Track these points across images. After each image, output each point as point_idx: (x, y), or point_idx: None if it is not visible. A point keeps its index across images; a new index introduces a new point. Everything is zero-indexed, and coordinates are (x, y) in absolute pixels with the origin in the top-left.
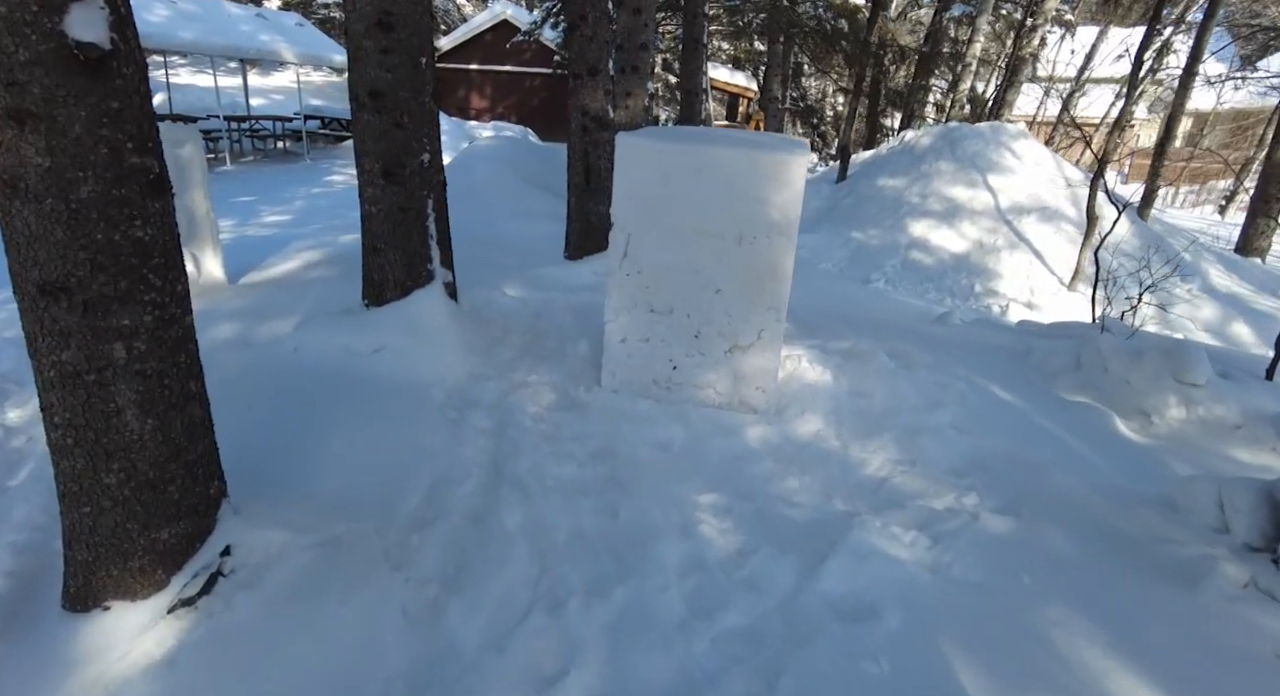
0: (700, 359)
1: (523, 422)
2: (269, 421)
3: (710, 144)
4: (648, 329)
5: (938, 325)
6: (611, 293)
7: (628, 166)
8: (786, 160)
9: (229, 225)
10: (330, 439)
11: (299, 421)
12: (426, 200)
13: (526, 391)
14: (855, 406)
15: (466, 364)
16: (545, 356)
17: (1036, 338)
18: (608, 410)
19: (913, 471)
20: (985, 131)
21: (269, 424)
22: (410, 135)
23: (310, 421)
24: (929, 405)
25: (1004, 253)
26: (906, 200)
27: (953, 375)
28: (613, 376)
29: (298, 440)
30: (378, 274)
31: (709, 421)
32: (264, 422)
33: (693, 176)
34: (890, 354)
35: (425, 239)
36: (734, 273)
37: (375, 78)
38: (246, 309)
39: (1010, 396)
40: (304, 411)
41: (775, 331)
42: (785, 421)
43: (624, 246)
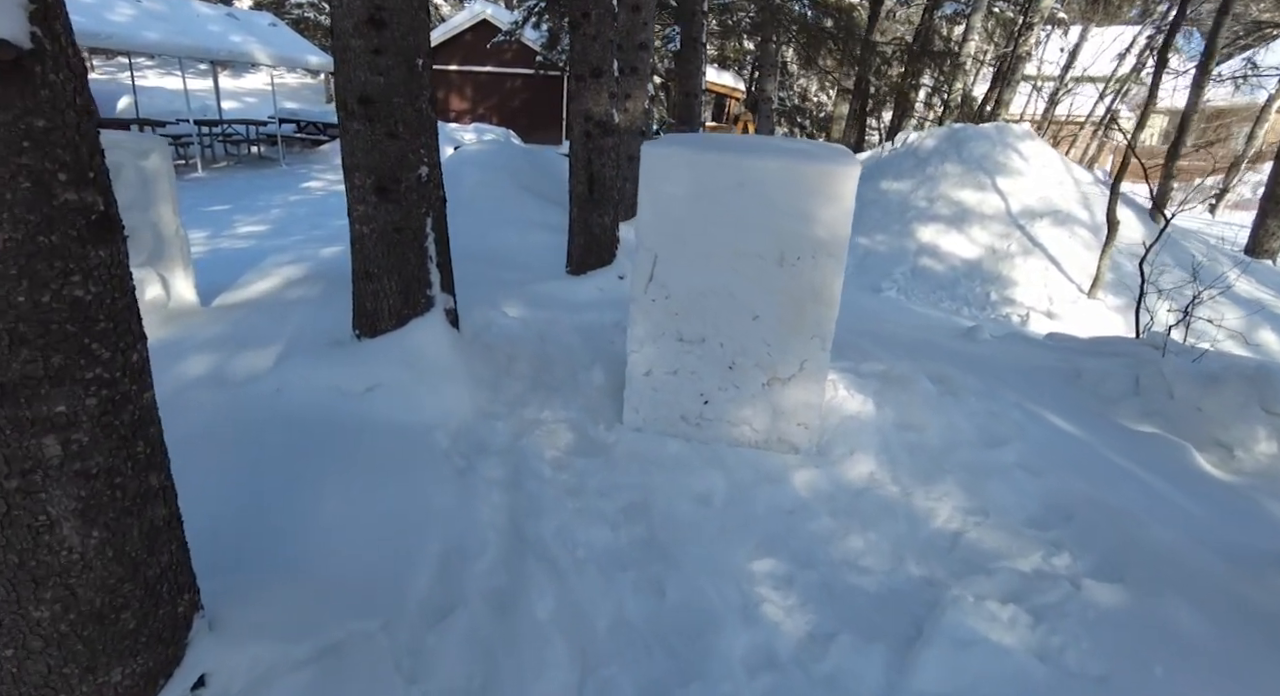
0: (735, 392)
1: (541, 471)
2: (248, 486)
3: (749, 154)
4: (676, 360)
5: (968, 341)
6: (635, 320)
7: (655, 180)
8: (835, 172)
9: (201, 237)
10: (322, 504)
11: (284, 483)
12: (425, 219)
13: (541, 431)
14: (906, 442)
15: (473, 401)
16: (557, 387)
17: (1081, 356)
18: (634, 454)
19: (987, 523)
20: (991, 132)
21: (248, 489)
22: (406, 146)
23: (297, 482)
24: (987, 440)
25: (1018, 259)
26: (913, 204)
27: (1004, 402)
28: (636, 412)
29: (283, 509)
30: (371, 302)
31: (749, 466)
32: (242, 488)
33: (730, 191)
34: (931, 377)
35: (424, 262)
36: (774, 297)
37: (366, 82)
38: (222, 337)
39: (1071, 427)
40: (290, 469)
41: (819, 362)
42: (833, 463)
43: (650, 269)
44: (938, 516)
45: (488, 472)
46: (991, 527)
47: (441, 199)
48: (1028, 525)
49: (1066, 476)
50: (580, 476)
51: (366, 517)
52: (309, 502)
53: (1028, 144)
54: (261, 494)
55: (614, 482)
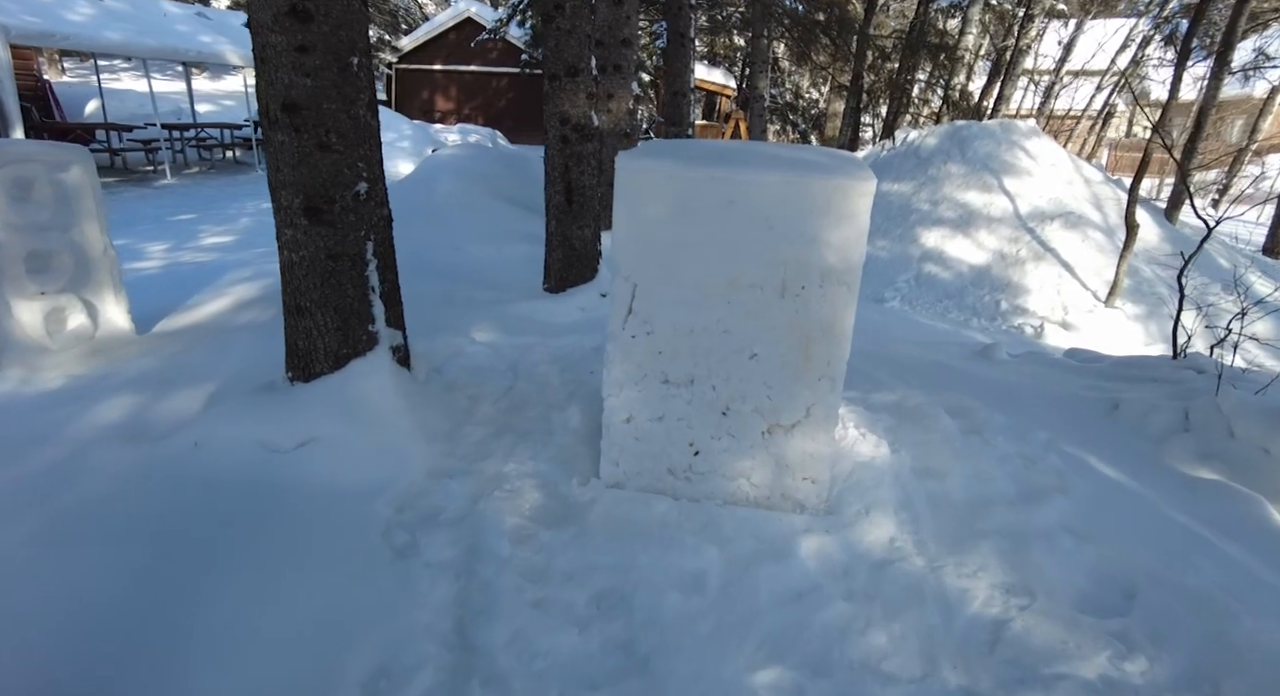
0: (730, 442)
1: (498, 548)
2: (145, 582)
3: (742, 166)
4: (661, 405)
5: (984, 362)
6: (613, 360)
7: (632, 198)
8: (846, 187)
9: (161, 250)
10: (228, 601)
11: (187, 571)
12: (365, 243)
13: (503, 492)
14: (929, 495)
15: (424, 457)
16: (527, 432)
17: (1115, 382)
18: (612, 519)
19: (1034, 609)
20: (995, 130)
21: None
22: (340, 160)
23: (204, 570)
24: (1024, 493)
25: (1029, 264)
26: (915, 207)
27: (1037, 443)
28: (615, 466)
29: (182, 607)
30: (304, 341)
31: (749, 532)
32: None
33: (722, 210)
34: (950, 410)
35: (364, 294)
36: (775, 333)
37: (290, 85)
38: (149, 375)
39: (1119, 474)
40: (197, 552)
41: (829, 407)
42: (846, 525)
43: (629, 301)
44: (974, 598)
45: (435, 553)
46: (1040, 615)
47: (385, 219)
48: (1084, 609)
49: (1123, 542)
50: (546, 553)
51: (280, 622)
52: (213, 599)
53: (1034, 141)
54: (158, 586)
55: (586, 562)
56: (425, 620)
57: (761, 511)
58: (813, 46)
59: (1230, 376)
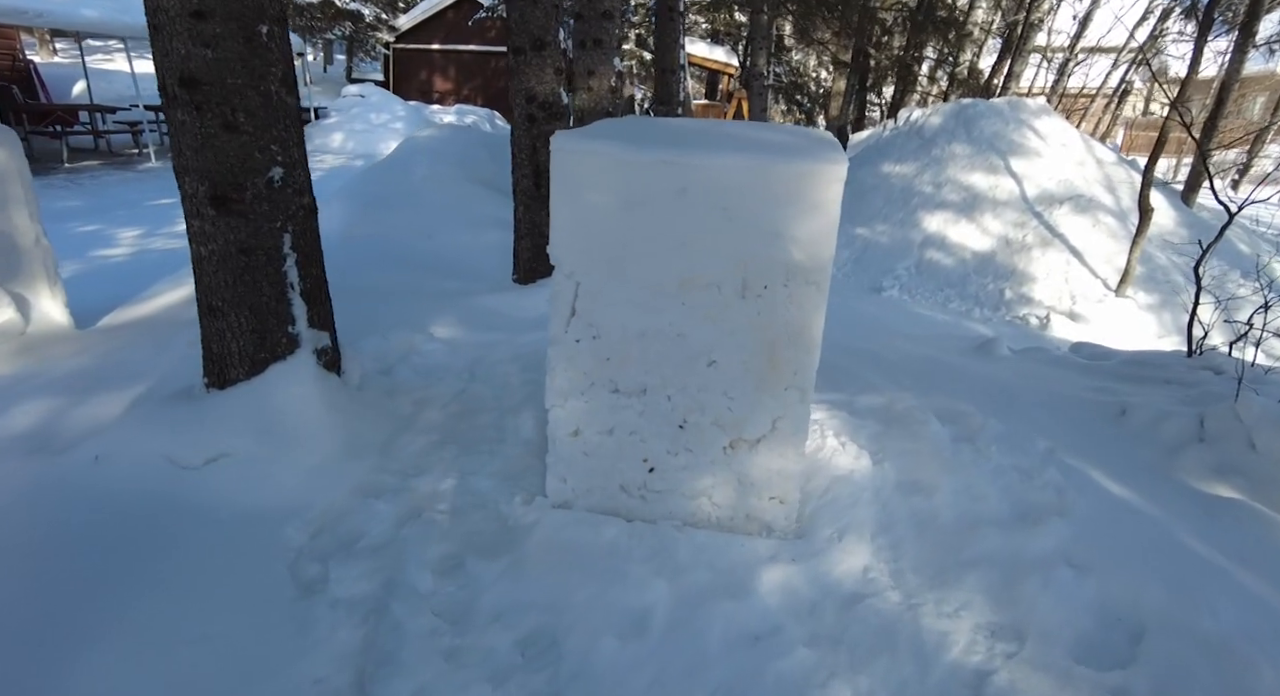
0: (689, 458)
1: (418, 583)
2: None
3: (696, 149)
4: (611, 417)
5: (983, 359)
6: (555, 367)
7: (572, 185)
8: (812, 172)
9: (133, 236)
10: (101, 650)
11: (62, 615)
12: (281, 236)
13: (435, 514)
14: (913, 514)
15: (350, 473)
16: (474, 443)
17: (1123, 382)
18: (554, 546)
19: (1022, 657)
20: (1003, 108)
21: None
22: (250, 142)
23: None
24: (1019, 513)
25: (1035, 251)
26: (918, 190)
27: (1035, 454)
28: (563, 483)
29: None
30: (218, 343)
31: (705, 563)
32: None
33: (673, 199)
34: (942, 415)
35: (282, 292)
36: (735, 338)
37: (188, 56)
38: (77, 375)
39: (1124, 491)
40: (79, 591)
41: (797, 420)
42: (816, 552)
43: (571, 301)
44: (954, 643)
45: (346, 588)
46: (1029, 665)
47: (306, 208)
48: (1080, 656)
49: (1128, 575)
50: (473, 588)
51: (151, 678)
52: (84, 645)
53: (1044, 120)
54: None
55: (516, 599)
56: (318, 673)
57: (724, 535)
58: (814, 22)
59: (1252, 378)
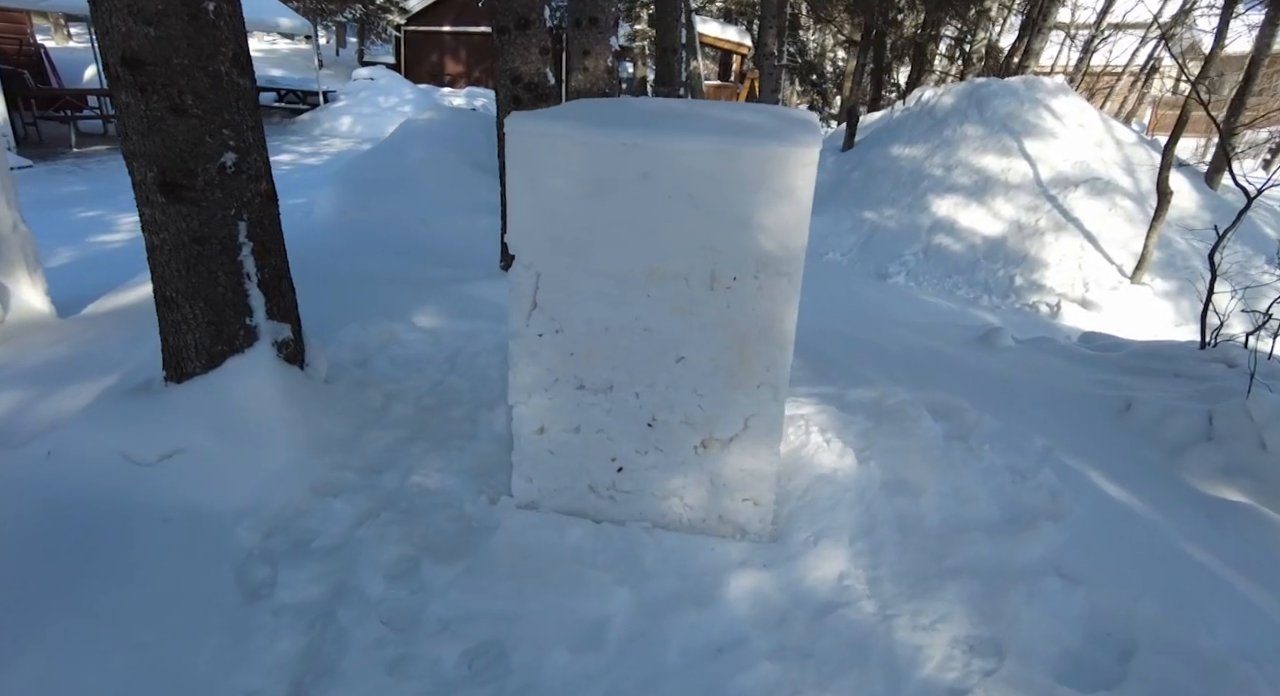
0: (658, 457)
1: (369, 588)
2: None
3: (661, 131)
4: (577, 414)
5: (985, 350)
6: (518, 362)
7: (530, 170)
8: (782, 156)
9: (133, 222)
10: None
11: None
12: (236, 224)
13: (395, 513)
14: (897, 517)
15: (310, 469)
16: (446, 438)
17: (1130, 375)
18: (515, 549)
19: (1000, 675)
20: (1018, 87)
21: None
22: (200, 126)
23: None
24: (1009, 517)
25: (1048, 236)
26: (927, 173)
27: (1031, 453)
28: (529, 482)
29: None
30: (173, 336)
31: (673, 568)
32: None
33: (636, 185)
34: (936, 411)
35: (239, 283)
36: (705, 333)
37: (130, 34)
38: (51, 365)
39: (1124, 493)
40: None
41: (771, 418)
42: (791, 557)
43: (532, 294)
44: (929, 658)
45: (293, 593)
46: (1007, 684)
47: (263, 195)
48: (1064, 676)
49: (1122, 586)
50: (424, 594)
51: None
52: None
53: (1061, 100)
54: None
55: (468, 607)
56: (254, 685)
57: (695, 538)
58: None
59: (1267, 373)
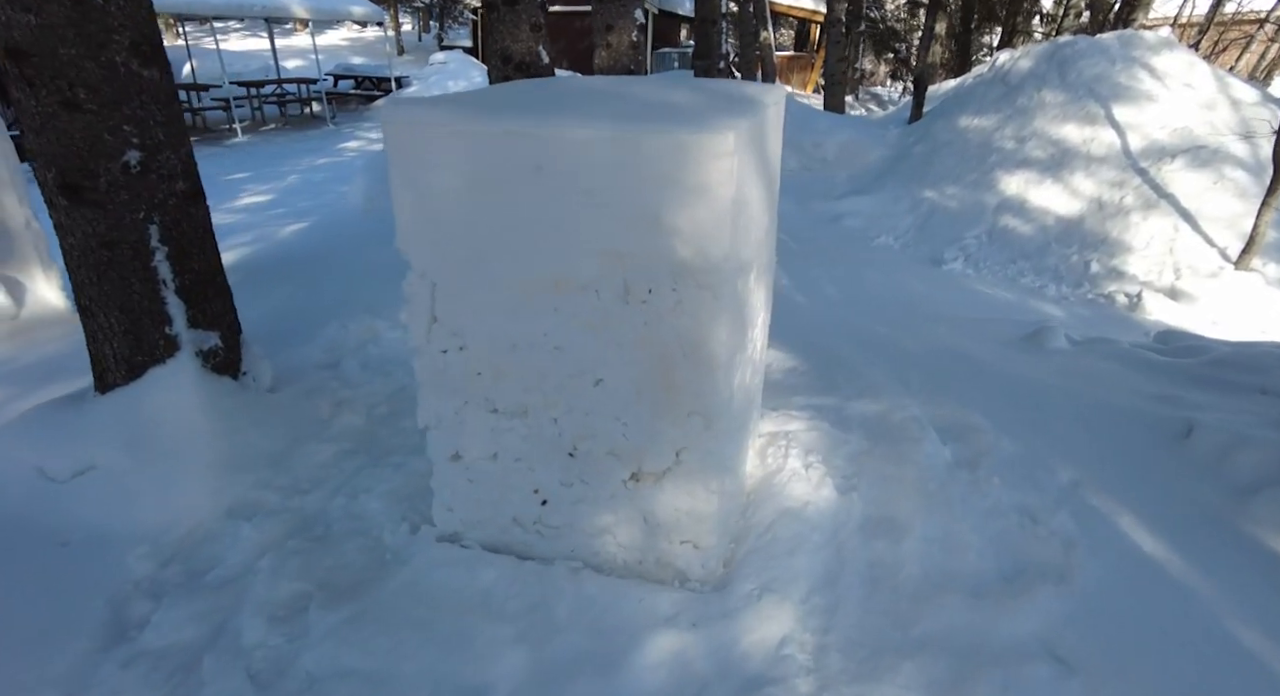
0: (584, 490)
1: (248, 632)
2: None
3: (559, 116)
4: (493, 440)
5: (1029, 353)
6: (423, 381)
7: (411, 163)
8: (689, 144)
9: None
10: None
11: None
12: (147, 228)
13: (306, 541)
14: (870, 565)
15: (228, 489)
16: (388, 453)
17: (1200, 388)
18: (415, 590)
19: None
20: (1110, 45)
21: None
22: (96, 122)
23: None
24: (1004, 572)
25: (1134, 215)
26: (997, 145)
27: (1049, 488)
28: (450, 512)
29: None
30: (93, 346)
31: (588, 623)
32: None
33: (529, 180)
34: (946, 430)
35: (154, 290)
36: (622, 352)
37: (9, 24)
38: (44, 363)
39: (1160, 548)
40: None
41: (706, 452)
42: (729, 614)
43: (429, 305)
44: None
45: (163, 636)
46: None
47: (180, 195)
48: None
49: (1135, 681)
50: (301, 642)
51: None
52: None
53: (1165, 56)
54: None
55: (339, 663)
56: None
57: (626, 583)
58: None
59: None
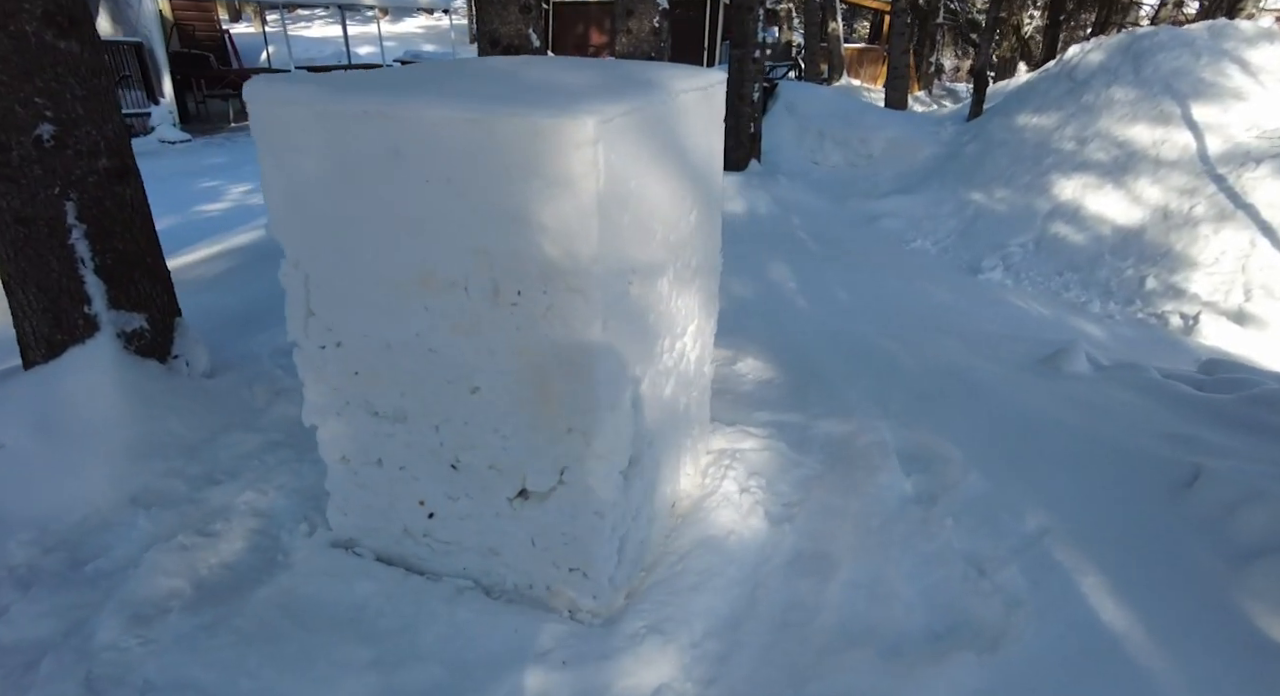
0: (470, 505)
1: (100, 633)
2: None
3: (418, 96)
4: (376, 445)
5: (1041, 375)
6: (305, 377)
7: (276, 146)
8: (547, 129)
9: (240, 192)
10: None
11: None
12: (63, 204)
13: (197, 537)
14: (784, 608)
15: (135, 476)
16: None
17: (1225, 430)
18: (287, 599)
19: None
20: (1197, 37)
21: None
22: (9, 94)
23: None
24: (931, 629)
25: (1204, 227)
26: (1055, 146)
27: (1009, 535)
28: (344, 516)
29: None
30: (17, 324)
31: (449, 655)
32: None
33: (387, 166)
34: (912, 459)
35: (72, 268)
36: (496, 359)
37: None
38: None
39: (1126, 617)
40: None
41: (589, 473)
42: (607, 656)
43: (304, 297)
44: None
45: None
46: None
47: (102, 173)
48: None
49: None
50: (148, 649)
51: None
52: None
53: (1262, 50)
54: None
55: (179, 673)
56: None
57: (513, 610)
58: None
59: None
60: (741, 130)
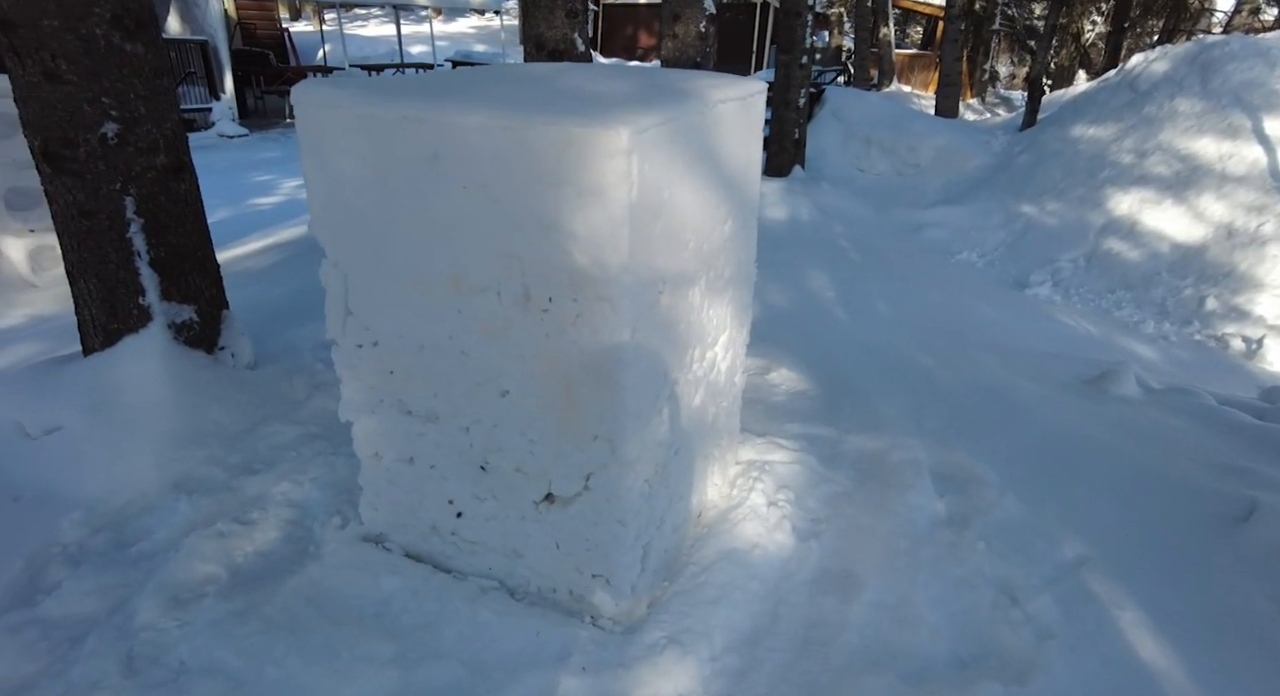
0: (496, 507)
1: (141, 612)
2: None
3: (457, 102)
4: (407, 443)
5: (1087, 397)
6: (342, 374)
7: (319, 147)
8: (579, 139)
9: (292, 186)
10: None
11: None
12: (122, 199)
13: (234, 524)
14: (808, 625)
15: (177, 462)
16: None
17: (1277, 463)
18: (314, 591)
19: None
20: (1272, 47)
21: None
22: (76, 93)
23: None
24: (955, 657)
25: (1273, 246)
26: (1112, 159)
27: (1044, 562)
28: (375, 511)
29: None
30: (78, 311)
31: (469, 654)
32: None
33: (425, 170)
34: (946, 479)
35: (129, 260)
36: (525, 364)
37: None
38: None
39: (1166, 656)
40: None
41: (614, 480)
42: (625, 664)
43: (343, 296)
44: None
45: (65, 606)
46: None
47: (159, 169)
48: None
49: None
50: (184, 632)
51: None
52: None
53: None
54: None
55: (211, 657)
56: None
57: (535, 612)
58: None
59: None
60: (786, 136)
